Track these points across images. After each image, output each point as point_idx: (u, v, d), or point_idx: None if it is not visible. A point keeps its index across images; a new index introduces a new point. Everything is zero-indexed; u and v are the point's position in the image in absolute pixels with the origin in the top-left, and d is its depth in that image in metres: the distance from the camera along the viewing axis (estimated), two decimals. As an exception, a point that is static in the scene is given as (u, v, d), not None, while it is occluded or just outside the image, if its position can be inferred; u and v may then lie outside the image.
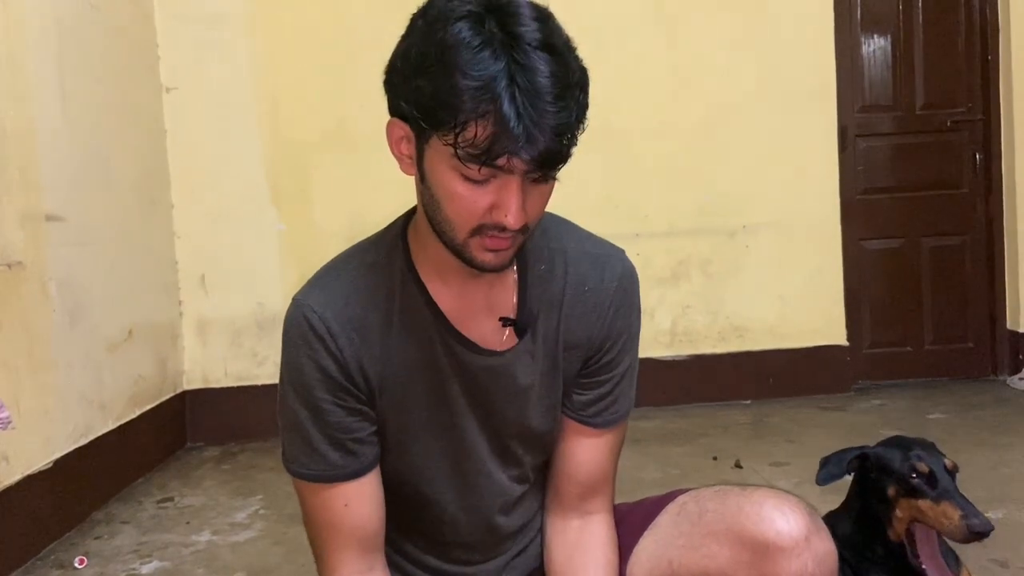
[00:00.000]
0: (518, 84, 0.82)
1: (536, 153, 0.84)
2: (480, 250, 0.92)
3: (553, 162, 0.87)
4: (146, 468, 3.06)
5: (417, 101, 0.87)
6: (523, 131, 0.82)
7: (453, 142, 0.84)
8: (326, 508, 1.05)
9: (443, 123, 0.85)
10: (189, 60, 3.48)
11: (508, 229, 0.89)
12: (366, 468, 1.05)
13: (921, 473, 1.37)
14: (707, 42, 3.68)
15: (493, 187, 0.88)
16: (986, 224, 3.91)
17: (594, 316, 1.07)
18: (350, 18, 3.53)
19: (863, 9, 3.85)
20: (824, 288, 3.77)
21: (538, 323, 1.05)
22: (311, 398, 1.02)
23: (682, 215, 3.69)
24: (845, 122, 3.78)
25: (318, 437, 1.02)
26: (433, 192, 0.92)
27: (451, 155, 0.86)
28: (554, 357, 1.07)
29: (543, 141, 0.83)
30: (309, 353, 1.00)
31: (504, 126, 0.82)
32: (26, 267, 2.34)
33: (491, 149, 0.83)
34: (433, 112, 0.85)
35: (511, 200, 0.88)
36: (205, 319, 3.53)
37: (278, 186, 3.55)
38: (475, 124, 0.83)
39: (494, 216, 0.89)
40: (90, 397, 2.68)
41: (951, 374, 3.90)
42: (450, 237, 0.93)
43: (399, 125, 0.94)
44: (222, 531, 2.46)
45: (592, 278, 1.07)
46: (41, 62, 2.52)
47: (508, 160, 0.85)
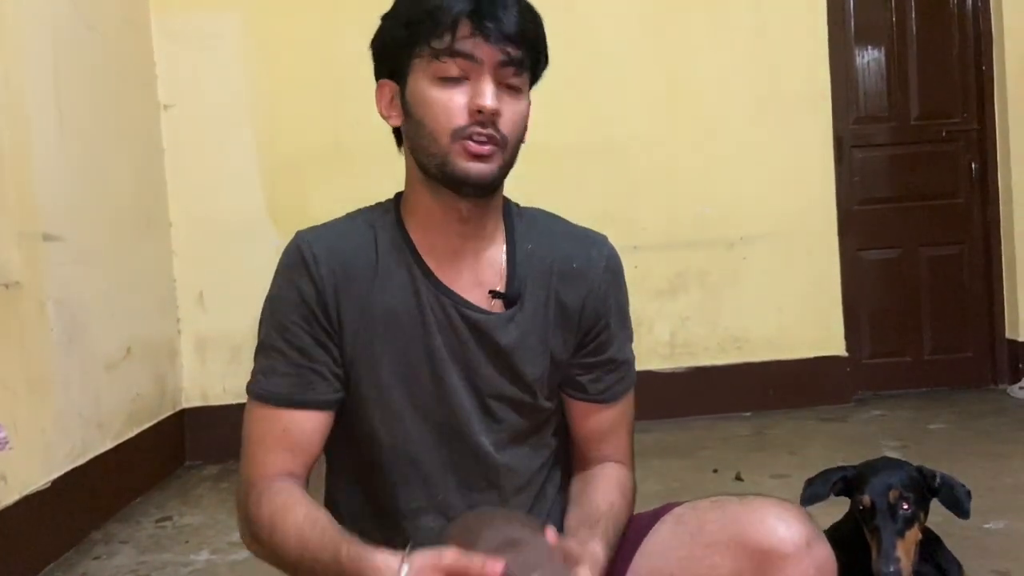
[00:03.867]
0: None
1: (500, 35, 0.96)
2: (463, 157, 0.99)
3: (520, 53, 0.99)
4: (145, 487, 3.05)
5: (394, 34, 1.03)
6: (488, 14, 0.96)
7: (430, 44, 0.98)
8: (264, 425, 1.06)
9: (418, 34, 0.99)
10: (186, 78, 3.49)
11: (485, 112, 0.97)
12: (315, 405, 1.06)
13: (865, 506, 1.42)
14: (703, 55, 3.69)
15: (468, 86, 0.99)
16: (983, 233, 3.91)
17: (584, 291, 1.11)
18: (346, 36, 3.54)
19: (857, 20, 3.87)
20: (822, 299, 3.77)
21: (525, 297, 1.09)
22: (284, 319, 1.05)
23: (680, 227, 3.69)
24: (841, 133, 3.79)
25: (280, 360, 1.05)
26: (415, 115, 1.02)
27: (427, 61, 0.99)
28: (542, 331, 1.10)
29: (506, 25, 0.97)
30: (292, 276, 1.06)
31: (471, 15, 0.96)
32: (23, 286, 2.33)
33: (457, 35, 0.97)
34: (410, 30, 1.00)
35: (484, 86, 0.98)
36: (203, 336, 3.52)
37: (275, 203, 3.55)
38: (445, 23, 0.97)
39: (471, 107, 0.98)
40: (88, 416, 2.67)
41: (951, 384, 3.90)
42: (434, 154, 1.01)
43: (385, 84, 1.07)
44: (221, 550, 2.45)
45: (579, 256, 1.12)
46: (38, 81, 2.52)
47: (475, 44, 0.97)
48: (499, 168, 1.02)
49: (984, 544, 2.10)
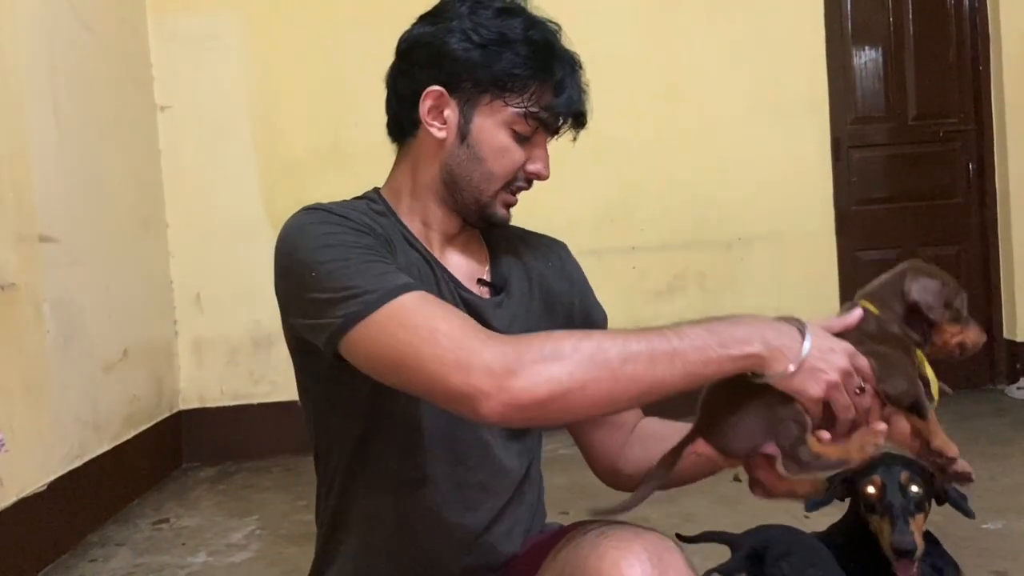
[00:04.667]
0: (564, 60, 1.05)
1: (579, 114, 1.06)
2: (502, 205, 1.07)
3: (579, 125, 1.09)
4: (142, 489, 3.04)
5: (476, 59, 1.03)
6: (569, 95, 1.04)
7: (529, 99, 1.03)
8: (426, 306, 0.91)
9: (526, 85, 1.03)
10: (183, 79, 3.49)
11: (539, 178, 1.07)
12: None
13: (875, 487, 1.39)
14: (701, 56, 3.69)
15: (527, 145, 1.06)
16: (981, 233, 3.92)
17: (565, 283, 1.19)
18: (343, 36, 3.54)
19: (854, 21, 3.87)
20: (820, 299, 3.76)
21: (511, 286, 1.13)
22: (356, 243, 0.97)
23: (677, 228, 3.69)
24: (838, 133, 3.79)
25: (377, 264, 0.95)
26: (476, 150, 1.05)
27: (513, 111, 1.03)
28: (528, 319, 1.12)
29: (579, 105, 1.06)
30: (334, 223, 1.00)
31: (558, 89, 1.03)
32: (20, 288, 2.33)
33: (550, 109, 1.04)
34: (504, 72, 1.02)
35: (544, 154, 1.07)
36: (201, 338, 3.52)
37: (273, 204, 3.55)
38: (538, 88, 1.03)
39: (528, 168, 1.06)
40: (85, 418, 2.66)
41: (949, 384, 3.88)
42: (480, 191, 1.06)
43: (440, 94, 1.05)
44: (218, 552, 2.44)
45: (550, 256, 1.20)
46: (34, 83, 2.52)
47: (553, 116, 1.04)
48: None
49: (982, 544, 2.10)
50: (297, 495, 2.92)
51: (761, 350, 0.90)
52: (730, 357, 0.90)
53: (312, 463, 1.14)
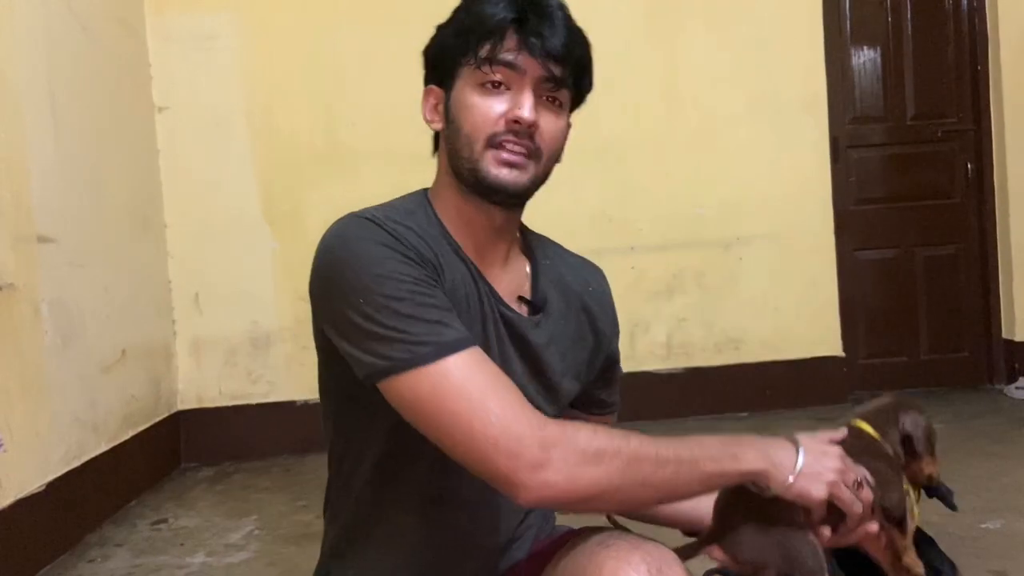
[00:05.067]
0: (529, 2, 1.00)
1: (544, 50, 0.99)
2: (495, 164, 1.00)
3: (562, 72, 1.00)
4: (140, 489, 3.04)
5: (444, 42, 1.04)
6: (534, 30, 0.98)
7: (475, 52, 0.99)
8: (480, 371, 0.92)
9: (466, 41, 1.01)
10: (181, 80, 3.48)
11: (521, 122, 0.99)
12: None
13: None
14: (699, 56, 3.69)
15: (508, 95, 1.00)
16: (979, 233, 3.92)
17: (600, 310, 1.19)
18: (340, 37, 3.54)
19: (853, 21, 3.87)
20: (819, 299, 3.77)
21: (550, 306, 1.12)
22: (408, 277, 0.95)
23: (676, 228, 3.69)
24: (837, 133, 3.80)
25: (430, 310, 0.93)
26: (455, 120, 1.03)
27: (472, 68, 1.00)
28: (565, 341, 1.12)
29: (550, 42, 0.99)
30: (385, 242, 0.96)
31: (518, 29, 0.99)
32: (18, 289, 2.33)
33: (504, 46, 0.99)
34: (459, 38, 1.02)
35: (524, 98, 1.00)
36: (199, 338, 3.51)
37: (271, 204, 3.55)
38: (492, 31, 0.99)
39: (509, 116, 1.00)
40: (83, 419, 2.66)
41: (947, 383, 3.90)
42: (467, 158, 1.02)
43: (431, 90, 1.08)
44: (216, 552, 2.44)
45: (591, 280, 1.20)
46: (32, 84, 2.51)
47: (518, 55, 0.99)
48: (530, 179, 1.02)
49: (981, 544, 2.10)
50: (295, 495, 2.91)
51: (766, 466, 0.97)
52: (739, 472, 0.96)
53: (310, 460, 1.14)
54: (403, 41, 1.06)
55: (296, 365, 3.51)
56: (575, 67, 1.03)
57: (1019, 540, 2.14)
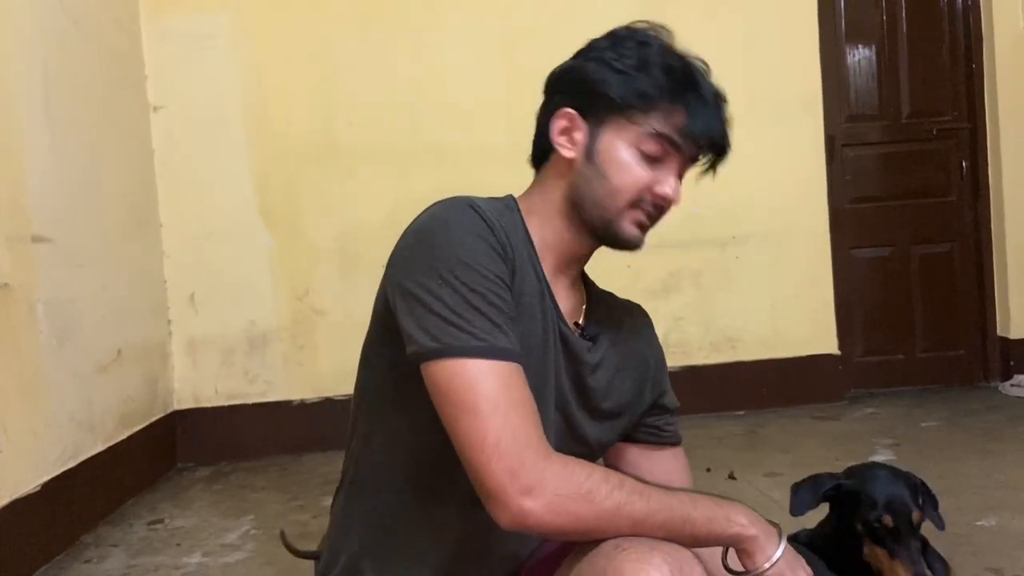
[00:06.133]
0: (702, 87, 1.06)
1: (708, 139, 1.05)
2: (631, 223, 1.07)
3: (716, 153, 1.08)
4: (136, 489, 3.03)
5: (605, 79, 1.06)
6: (703, 116, 1.04)
7: (644, 114, 1.04)
8: (516, 387, 0.95)
9: (639, 100, 1.04)
10: (176, 78, 3.48)
11: (666, 201, 1.06)
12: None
13: (885, 527, 1.40)
14: (694, 54, 3.69)
15: (657, 167, 1.06)
16: (974, 231, 3.93)
17: (646, 346, 1.25)
18: (336, 36, 3.53)
19: (848, 20, 3.88)
20: (815, 297, 3.77)
21: (601, 337, 1.15)
22: (491, 273, 0.97)
23: (672, 227, 3.63)
24: (832, 132, 3.80)
25: (496, 312, 0.96)
26: (602, 167, 1.06)
27: (639, 130, 1.04)
28: (614, 373, 1.16)
29: (713, 135, 1.06)
30: (481, 232, 0.99)
31: (688, 112, 1.04)
32: (13, 289, 2.32)
33: (673, 123, 1.04)
34: (631, 90, 1.04)
35: (672, 176, 1.07)
36: (195, 338, 3.51)
37: (267, 203, 3.54)
38: (668, 106, 1.04)
39: (655, 189, 1.05)
40: (79, 419, 2.66)
41: (943, 381, 3.91)
42: (606, 208, 1.06)
43: (572, 115, 1.09)
44: (213, 552, 2.44)
45: (637, 318, 1.27)
46: (27, 83, 2.51)
47: (684, 139, 1.04)
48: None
49: (976, 542, 2.10)
50: (292, 495, 2.91)
51: (757, 533, 1.00)
52: (729, 534, 0.99)
53: (306, 460, 1.13)
54: (400, 41, 1.06)
55: (293, 365, 3.50)
56: (724, 149, 1.10)
57: (1015, 538, 2.14)
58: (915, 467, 1.51)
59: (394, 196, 3.38)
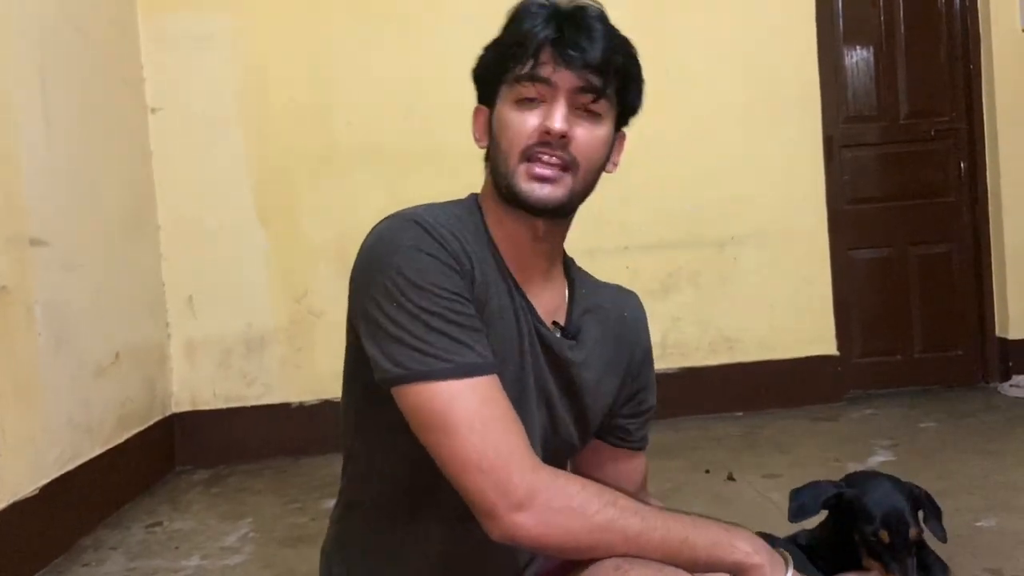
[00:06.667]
0: (567, 17, 1.00)
1: (581, 62, 0.98)
2: (527, 178, 1.01)
3: (600, 81, 1.00)
4: (134, 492, 3.03)
5: (487, 61, 1.06)
6: (570, 42, 0.98)
7: (513, 69, 1.01)
8: (492, 400, 0.94)
9: (506, 59, 1.02)
10: (174, 80, 3.47)
11: (549, 133, 0.99)
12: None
13: (882, 541, 1.40)
14: (692, 55, 3.69)
15: (543, 108, 1.01)
16: (972, 231, 3.93)
17: (635, 338, 1.20)
18: (335, 37, 3.53)
19: (846, 20, 3.88)
20: (813, 298, 3.77)
21: (583, 335, 1.12)
22: (444, 291, 0.96)
23: (670, 227, 3.69)
24: (830, 132, 3.80)
25: (459, 328, 0.95)
26: (495, 136, 1.05)
27: (511, 85, 1.02)
28: (597, 369, 1.13)
29: (588, 53, 0.99)
30: (429, 250, 0.97)
31: (555, 43, 0.99)
32: (10, 291, 2.32)
33: (539, 61, 0.99)
34: (500, 57, 1.03)
35: (555, 109, 1.00)
36: (193, 340, 3.50)
37: (265, 205, 3.54)
38: (529, 49, 1.00)
39: (540, 128, 1.00)
40: (77, 421, 2.65)
41: (942, 382, 3.91)
42: (503, 174, 1.03)
43: (479, 109, 1.10)
44: (212, 555, 2.43)
45: (627, 307, 1.22)
46: (24, 85, 2.50)
47: (554, 70, 0.99)
48: (567, 192, 1.02)
49: (976, 542, 2.10)
50: (290, 498, 2.91)
51: (762, 561, 0.96)
52: (731, 561, 0.96)
53: (305, 462, 1.13)
54: (398, 42, 1.05)
55: (291, 367, 3.50)
56: (616, 76, 1.03)
57: (1014, 538, 2.14)
58: (914, 468, 1.51)
59: (393, 197, 3.36)
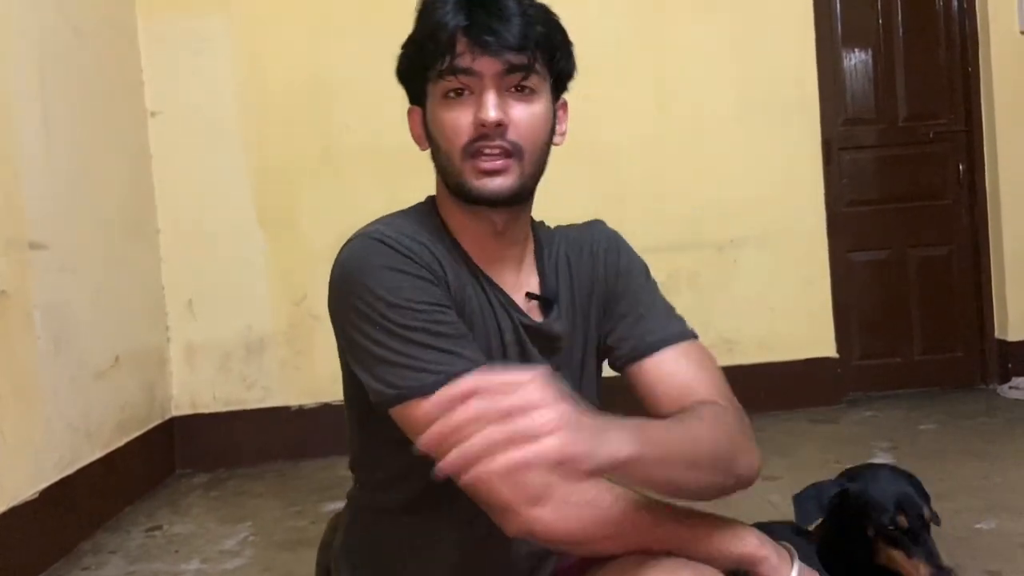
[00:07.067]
0: (478, 2, 0.96)
1: (498, 45, 0.94)
2: (475, 175, 0.98)
3: (524, 58, 0.96)
4: (134, 496, 3.02)
5: (408, 60, 1.02)
6: (483, 27, 0.94)
7: (433, 66, 0.97)
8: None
9: (424, 56, 0.98)
10: (174, 84, 3.48)
11: (485, 124, 0.96)
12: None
13: (901, 527, 1.39)
14: (691, 58, 3.70)
15: (472, 100, 0.97)
16: (971, 234, 3.93)
17: (602, 269, 1.16)
18: (334, 40, 3.54)
19: (844, 23, 3.88)
20: (813, 300, 3.77)
21: (561, 295, 1.11)
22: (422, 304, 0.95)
23: (669, 230, 3.69)
24: (829, 135, 3.80)
25: (444, 339, 0.94)
26: (435, 141, 1.02)
27: (435, 82, 0.98)
28: (584, 327, 1.12)
29: (503, 35, 0.94)
30: (398, 266, 0.96)
31: (467, 31, 0.95)
32: (10, 295, 2.32)
33: (456, 52, 0.95)
34: (418, 54, 0.99)
35: (485, 99, 0.96)
36: (193, 344, 3.50)
37: (264, 208, 3.54)
38: (443, 42, 0.96)
39: (475, 122, 0.97)
40: (76, 425, 2.65)
41: (941, 384, 3.91)
42: (451, 174, 1.00)
43: (414, 110, 1.06)
44: (211, 559, 2.43)
45: (585, 241, 1.18)
46: (24, 86, 2.51)
47: (473, 58, 0.95)
48: (517, 179, 1.00)
49: (975, 544, 2.10)
50: (290, 501, 2.91)
51: (769, 553, 0.96)
52: (739, 553, 0.96)
53: (304, 465, 1.13)
54: (397, 44, 1.05)
55: (291, 370, 3.50)
56: (539, 47, 0.98)
57: (1013, 540, 2.14)
58: (913, 470, 1.51)
59: (392, 199, 3.35)
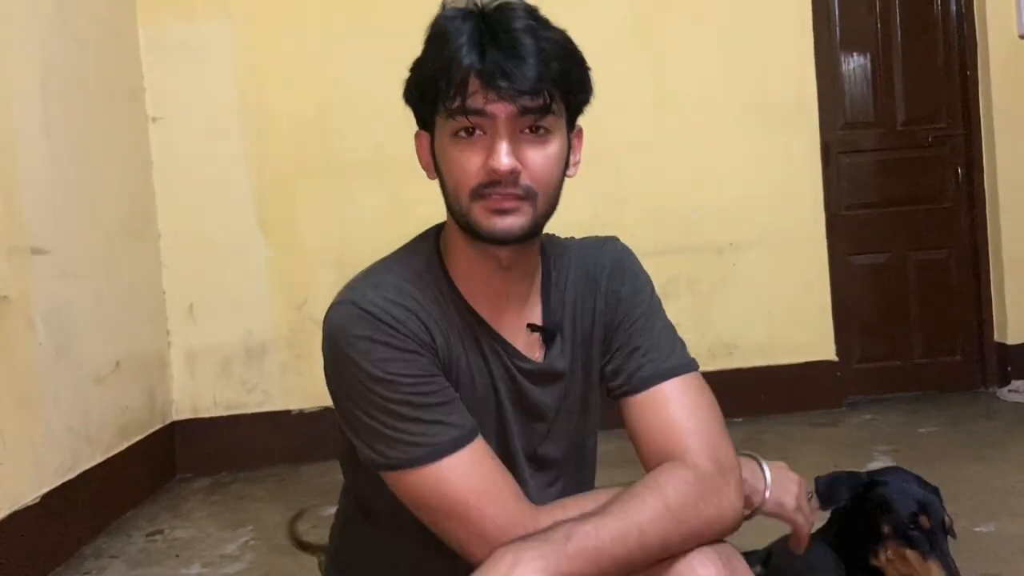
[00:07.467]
0: (490, 35, 0.92)
1: (513, 90, 0.90)
2: (484, 214, 0.95)
3: (539, 102, 0.92)
4: (135, 501, 3.03)
5: (417, 89, 0.98)
6: (498, 69, 0.90)
7: (444, 103, 0.93)
8: (477, 467, 0.94)
9: (435, 90, 0.94)
10: (174, 90, 3.49)
11: (497, 173, 0.93)
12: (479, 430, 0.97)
13: (922, 528, 1.40)
14: (689, 62, 3.71)
15: (484, 141, 0.94)
16: (970, 237, 3.94)
17: (596, 289, 1.11)
18: (335, 47, 3.55)
19: (842, 27, 3.89)
20: (812, 304, 3.78)
21: (564, 327, 1.08)
22: (407, 378, 0.95)
23: (668, 233, 3.70)
24: (828, 139, 3.81)
25: (427, 410, 0.94)
26: (443, 175, 0.99)
27: (444, 118, 0.94)
28: (585, 359, 1.09)
29: (518, 79, 0.90)
30: (382, 339, 0.95)
31: (481, 72, 0.91)
32: (11, 300, 2.32)
33: (468, 92, 0.92)
34: (428, 87, 0.95)
35: (498, 145, 0.93)
36: (193, 348, 3.51)
37: (265, 214, 3.55)
38: (455, 82, 0.92)
39: (487, 168, 0.93)
40: (77, 430, 2.66)
41: (941, 387, 3.91)
42: (458, 211, 0.97)
43: (421, 135, 1.03)
44: (212, 563, 2.43)
45: (591, 265, 1.12)
46: (25, 93, 2.52)
47: (486, 101, 0.91)
48: (530, 219, 0.97)
49: (975, 547, 2.10)
50: (291, 505, 2.91)
51: (747, 478, 1.03)
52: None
53: (305, 470, 1.14)
54: (397, 51, 1.05)
55: (291, 374, 3.50)
56: (556, 86, 0.95)
57: (1013, 543, 2.15)
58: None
59: (393, 205, 3.38)
